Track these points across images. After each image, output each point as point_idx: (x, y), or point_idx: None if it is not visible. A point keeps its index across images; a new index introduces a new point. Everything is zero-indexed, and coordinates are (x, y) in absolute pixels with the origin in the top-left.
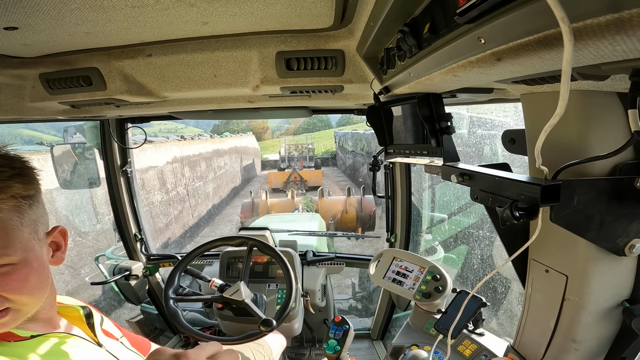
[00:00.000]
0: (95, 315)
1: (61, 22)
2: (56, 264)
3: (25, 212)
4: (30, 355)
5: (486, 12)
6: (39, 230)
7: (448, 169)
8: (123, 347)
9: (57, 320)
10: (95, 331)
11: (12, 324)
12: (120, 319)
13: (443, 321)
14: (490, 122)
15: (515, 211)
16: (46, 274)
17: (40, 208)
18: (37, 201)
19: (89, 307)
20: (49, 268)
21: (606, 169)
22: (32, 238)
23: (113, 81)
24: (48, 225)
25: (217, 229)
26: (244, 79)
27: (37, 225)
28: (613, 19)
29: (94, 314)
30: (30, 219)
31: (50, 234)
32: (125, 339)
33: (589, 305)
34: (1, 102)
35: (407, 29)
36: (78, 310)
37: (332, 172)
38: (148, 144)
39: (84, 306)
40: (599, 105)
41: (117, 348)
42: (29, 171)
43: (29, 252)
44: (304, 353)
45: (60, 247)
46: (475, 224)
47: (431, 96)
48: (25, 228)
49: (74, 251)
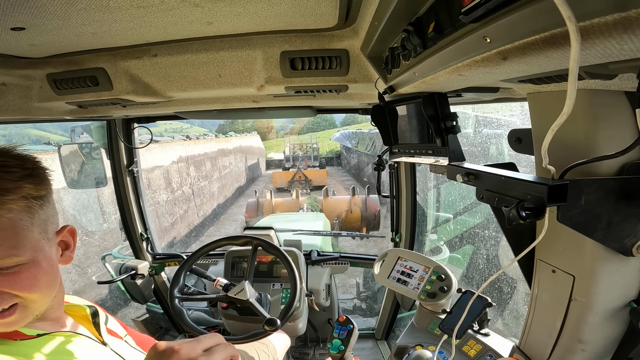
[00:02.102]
0: (100, 314)
1: (68, 23)
2: (65, 262)
3: (36, 212)
4: (35, 354)
5: (491, 11)
6: (48, 230)
7: (453, 169)
8: (127, 346)
9: (65, 319)
10: (100, 330)
11: (20, 322)
12: (126, 318)
13: (448, 321)
14: (496, 122)
15: (521, 211)
16: (55, 273)
17: (51, 208)
18: (47, 201)
19: (95, 307)
20: (58, 267)
21: (614, 168)
22: (41, 238)
23: (119, 81)
24: (58, 224)
25: (222, 229)
26: (249, 79)
27: (47, 225)
28: (620, 18)
29: (99, 313)
30: (40, 219)
31: (60, 233)
32: (129, 338)
33: (596, 306)
34: (9, 102)
35: (412, 29)
36: (85, 309)
37: (336, 172)
38: (154, 144)
39: (90, 305)
40: (607, 104)
41: (122, 347)
42: (41, 171)
43: (38, 252)
44: (308, 352)
45: (69, 246)
46: (481, 223)
47: (436, 95)
48: (35, 228)
49: (81, 250)
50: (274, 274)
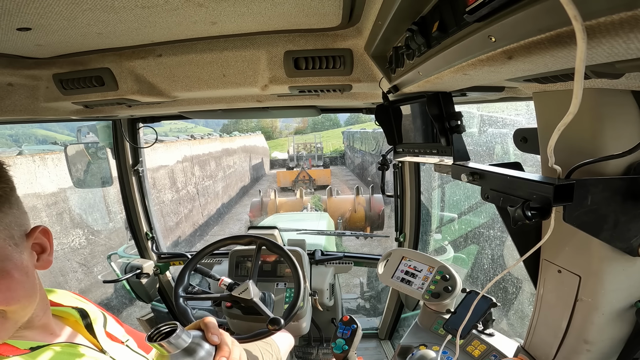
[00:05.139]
0: (96, 317)
1: (73, 23)
2: (43, 267)
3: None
4: None
5: (496, 10)
6: (14, 234)
7: (458, 168)
8: (129, 351)
9: (54, 326)
10: (97, 336)
11: (2, 334)
12: (131, 317)
13: (452, 321)
14: (501, 121)
15: (527, 211)
16: (32, 282)
17: (14, 208)
18: (7, 201)
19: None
20: (35, 274)
21: (620, 168)
22: (7, 245)
23: (125, 81)
24: (27, 226)
25: (227, 228)
26: (253, 79)
27: (11, 229)
28: (627, 17)
29: (90, 314)
30: (2, 223)
31: (31, 236)
32: (132, 341)
33: (602, 306)
34: (16, 102)
35: (416, 28)
36: (73, 314)
37: (340, 171)
38: (159, 144)
39: (79, 308)
40: (613, 103)
41: (122, 352)
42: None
43: (5, 261)
44: (312, 352)
45: (46, 249)
46: (486, 223)
47: (441, 95)
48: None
49: (87, 249)
50: (277, 273)
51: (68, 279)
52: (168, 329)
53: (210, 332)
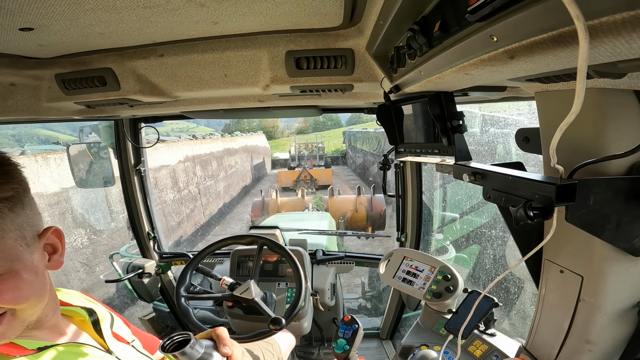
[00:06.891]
0: (104, 316)
1: (76, 23)
2: (54, 268)
3: (6, 216)
4: None
5: (498, 10)
6: (26, 234)
7: (460, 168)
8: (134, 351)
9: (63, 326)
10: (104, 336)
11: (10, 332)
12: (133, 317)
13: (454, 321)
14: (503, 121)
15: (529, 211)
16: (42, 282)
17: (27, 209)
18: (20, 202)
19: (92, 307)
20: (46, 274)
21: (623, 168)
22: (17, 245)
23: (126, 81)
24: (40, 227)
25: (228, 228)
26: (254, 79)
27: (23, 230)
28: (629, 17)
29: (98, 314)
30: (14, 224)
31: (43, 236)
32: (137, 342)
33: (604, 306)
34: (19, 102)
35: (417, 28)
36: (82, 314)
37: (342, 171)
38: (160, 143)
39: (87, 308)
40: (616, 103)
41: (128, 353)
42: (6, 168)
43: (15, 261)
44: (313, 352)
45: (57, 249)
46: (488, 223)
47: (442, 95)
48: (7, 235)
49: (90, 249)
50: (279, 273)
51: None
52: (181, 338)
53: (222, 344)
